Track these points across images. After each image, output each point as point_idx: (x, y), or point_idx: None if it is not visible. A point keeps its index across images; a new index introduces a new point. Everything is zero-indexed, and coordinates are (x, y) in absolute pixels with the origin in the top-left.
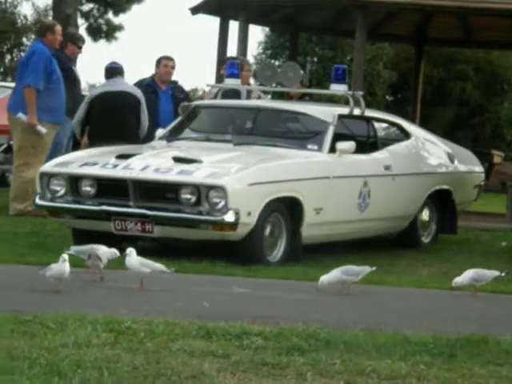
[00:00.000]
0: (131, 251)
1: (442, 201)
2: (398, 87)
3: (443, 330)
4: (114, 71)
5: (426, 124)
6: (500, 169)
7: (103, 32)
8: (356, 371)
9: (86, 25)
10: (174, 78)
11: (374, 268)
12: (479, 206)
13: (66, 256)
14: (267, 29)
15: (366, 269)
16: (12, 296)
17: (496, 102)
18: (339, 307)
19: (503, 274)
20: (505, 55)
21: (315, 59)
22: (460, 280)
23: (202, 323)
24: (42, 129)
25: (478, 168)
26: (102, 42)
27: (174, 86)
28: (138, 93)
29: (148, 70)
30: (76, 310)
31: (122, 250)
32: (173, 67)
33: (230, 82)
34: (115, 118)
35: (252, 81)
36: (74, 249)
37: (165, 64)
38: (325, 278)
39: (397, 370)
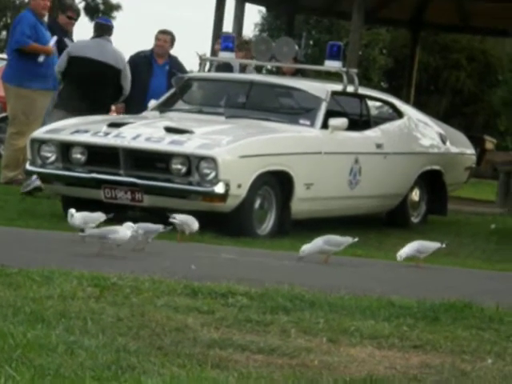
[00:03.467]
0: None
1: (432, 181)
2: (393, 74)
3: (428, 297)
4: (103, 29)
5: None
6: (492, 158)
7: (100, 11)
8: (339, 330)
9: (83, 4)
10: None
11: (356, 239)
12: (470, 192)
13: (130, 223)
14: (264, 10)
15: (348, 239)
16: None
17: (490, 92)
18: (325, 274)
19: (443, 246)
20: (499, 45)
21: (311, 42)
22: (405, 251)
23: (188, 282)
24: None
25: (470, 150)
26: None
27: (175, 61)
28: (120, 62)
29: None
30: (62, 266)
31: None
32: (166, 41)
33: (224, 56)
34: (88, 88)
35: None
36: (88, 232)
37: (158, 38)
38: (306, 247)
39: (380, 330)
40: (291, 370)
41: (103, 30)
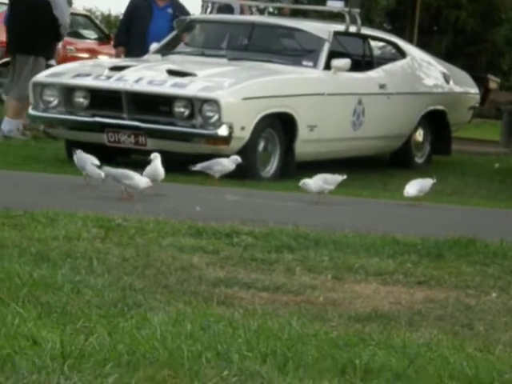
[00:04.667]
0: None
1: (436, 122)
2: (395, 15)
3: (432, 235)
4: None
5: None
6: (495, 98)
7: None
8: (344, 267)
9: None
10: None
11: (344, 176)
12: (474, 133)
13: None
14: None
15: (339, 177)
16: (3, 195)
17: (493, 31)
18: (330, 214)
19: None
20: None
21: None
22: (311, 183)
23: (193, 223)
24: None
25: (473, 89)
26: None
27: (177, 3)
28: None
29: None
30: (67, 209)
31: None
32: None
33: None
34: (28, 28)
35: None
36: (105, 169)
37: None
38: (308, 183)
39: (384, 267)
40: (296, 307)
41: None
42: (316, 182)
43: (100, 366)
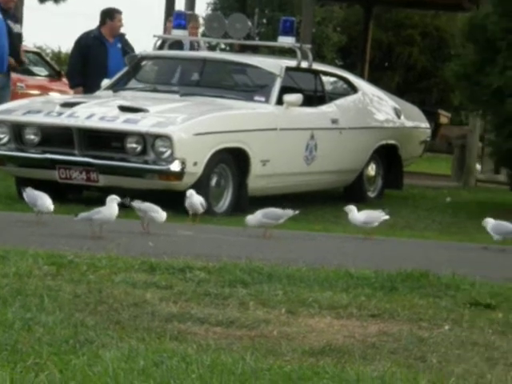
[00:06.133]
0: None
1: (388, 156)
2: (347, 51)
3: (385, 268)
4: None
5: None
6: (446, 132)
7: None
8: (298, 301)
9: None
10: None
11: (297, 212)
12: (425, 167)
13: (114, 196)
14: None
15: (288, 212)
16: None
17: (443, 67)
18: (283, 248)
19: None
20: (452, 20)
21: (264, 20)
22: (251, 219)
23: (146, 258)
24: None
25: (425, 124)
26: (50, 3)
27: (124, 38)
28: None
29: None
30: (18, 245)
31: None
32: (122, 20)
33: (177, 33)
34: None
35: (200, 36)
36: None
37: (119, 19)
38: (249, 218)
39: (338, 301)
40: (250, 341)
41: None
42: (256, 217)
43: None
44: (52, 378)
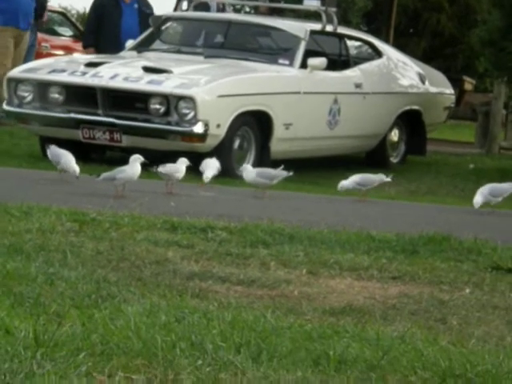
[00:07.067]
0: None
1: (411, 121)
2: (372, 17)
3: (407, 231)
4: None
5: None
6: (470, 99)
7: None
8: (319, 262)
9: None
10: None
11: (290, 173)
12: (449, 134)
13: (138, 156)
14: None
15: (282, 173)
16: None
17: (469, 34)
18: (305, 210)
19: (389, 179)
20: None
21: None
22: (345, 184)
23: (168, 218)
24: None
25: (449, 90)
26: None
27: None
28: None
29: None
30: (41, 203)
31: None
32: None
33: None
34: None
35: None
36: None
37: None
38: (245, 175)
39: (359, 263)
40: (271, 301)
41: None
42: (251, 175)
43: (73, 355)
44: (74, 330)
